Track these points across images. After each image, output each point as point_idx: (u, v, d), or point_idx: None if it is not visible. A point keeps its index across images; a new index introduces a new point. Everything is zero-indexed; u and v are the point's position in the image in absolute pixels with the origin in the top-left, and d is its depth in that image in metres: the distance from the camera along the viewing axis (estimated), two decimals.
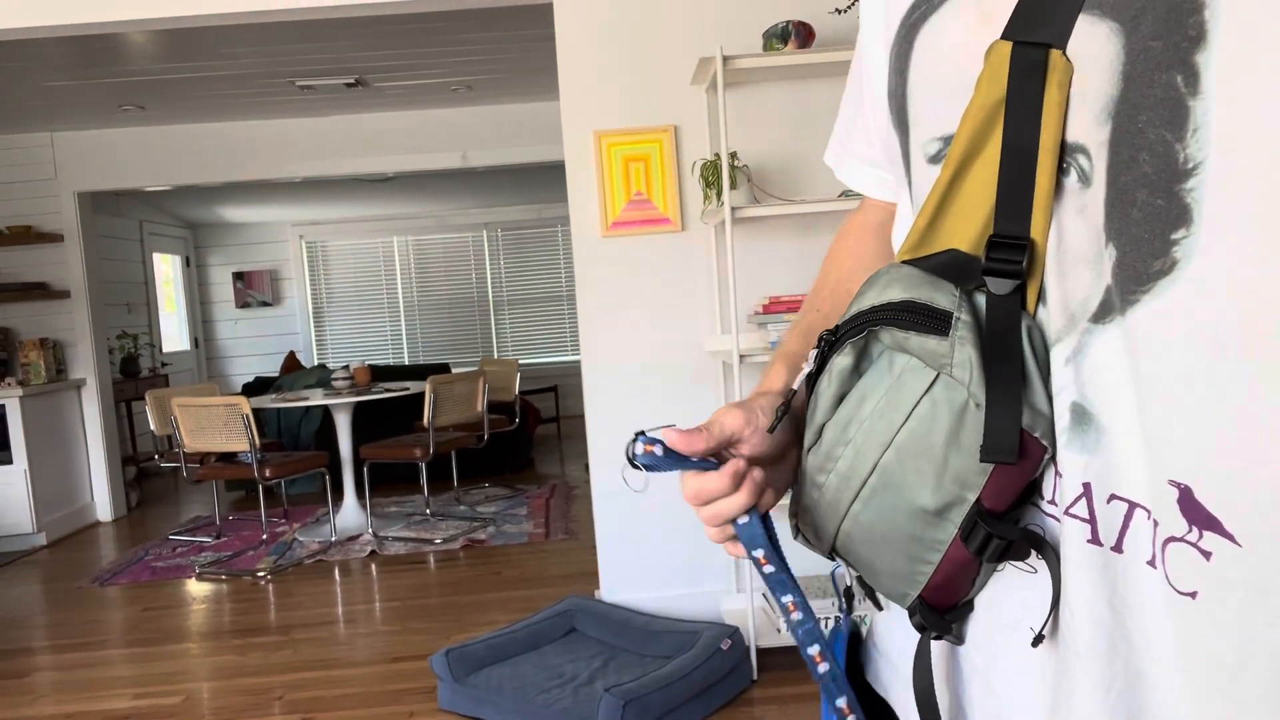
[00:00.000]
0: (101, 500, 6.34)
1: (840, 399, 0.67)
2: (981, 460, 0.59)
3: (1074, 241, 0.59)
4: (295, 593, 4.41)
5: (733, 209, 3.01)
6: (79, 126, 6.00)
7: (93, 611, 4.33)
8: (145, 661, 3.64)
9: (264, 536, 5.51)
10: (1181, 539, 0.55)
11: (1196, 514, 0.54)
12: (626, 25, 3.42)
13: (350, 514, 5.52)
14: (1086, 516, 0.59)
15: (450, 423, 5.43)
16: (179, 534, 5.76)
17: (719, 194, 3.16)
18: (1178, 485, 0.54)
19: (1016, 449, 0.59)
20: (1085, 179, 0.58)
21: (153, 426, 5.43)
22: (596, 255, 3.47)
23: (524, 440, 7.20)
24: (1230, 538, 0.53)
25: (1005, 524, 0.62)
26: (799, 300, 3.09)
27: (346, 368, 5.75)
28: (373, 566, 4.78)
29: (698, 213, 3.46)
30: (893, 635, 0.79)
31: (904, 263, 0.66)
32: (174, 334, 9.13)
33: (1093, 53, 0.57)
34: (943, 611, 0.68)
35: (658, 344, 3.49)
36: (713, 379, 3.49)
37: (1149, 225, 0.55)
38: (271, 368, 9.64)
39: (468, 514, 5.78)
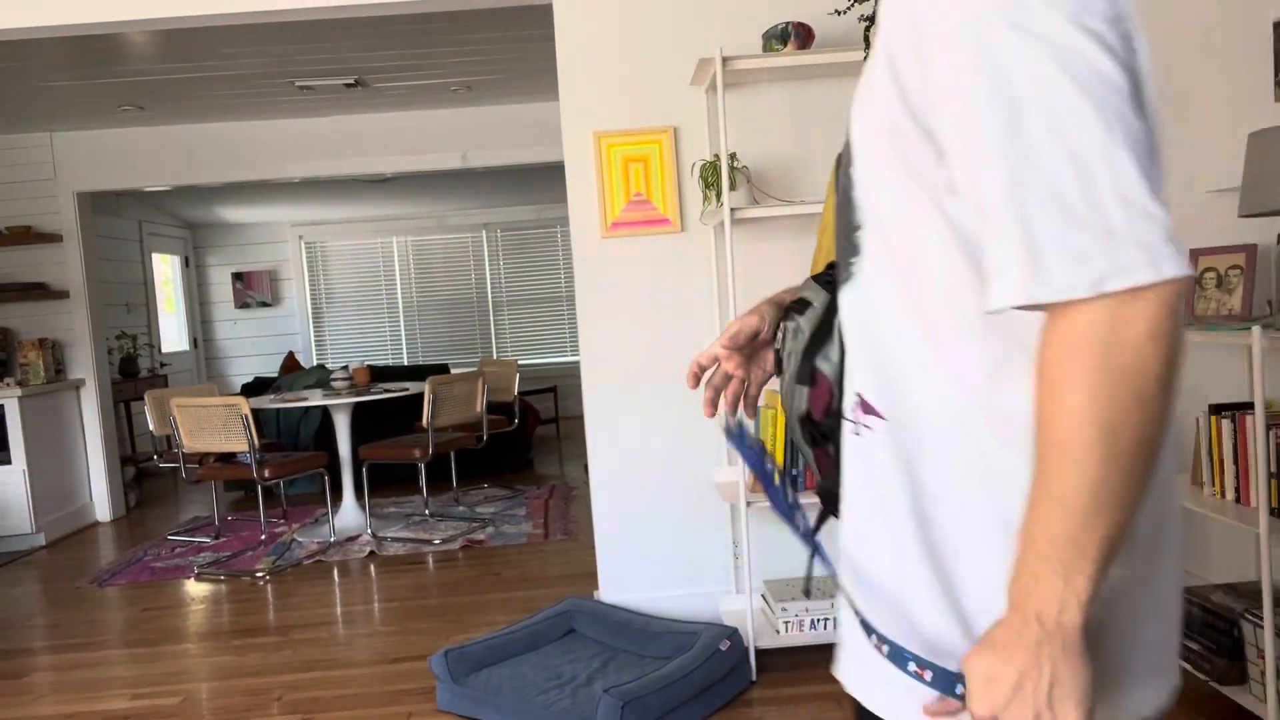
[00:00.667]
0: (100, 500, 6.34)
1: (780, 361, 1.14)
2: (795, 384, 1.09)
3: None
4: (294, 593, 4.41)
5: (732, 210, 3.01)
6: (78, 126, 5.99)
7: (91, 612, 4.33)
8: (144, 662, 3.64)
9: (263, 537, 5.51)
10: (859, 422, 0.98)
11: (867, 408, 0.96)
12: (626, 25, 3.41)
13: (349, 514, 5.52)
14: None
15: (449, 423, 5.43)
16: (178, 534, 5.76)
17: (718, 195, 3.16)
18: (858, 394, 0.98)
19: (809, 378, 1.06)
20: None
21: (152, 427, 5.43)
22: (596, 256, 3.47)
23: (523, 441, 7.20)
24: (880, 415, 0.95)
25: (815, 424, 1.07)
26: None
27: (346, 368, 5.74)
28: (372, 567, 4.78)
29: (697, 213, 3.46)
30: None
31: (810, 277, 1.13)
32: (173, 334, 9.13)
33: (841, 160, 1.01)
34: (833, 495, 1.07)
35: (657, 344, 3.49)
36: None
37: (844, 256, 0.99)
38: (271, 368, 9.64)
39: (467, 514, 5.77)
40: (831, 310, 1.05)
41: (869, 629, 0.95)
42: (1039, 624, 0.79)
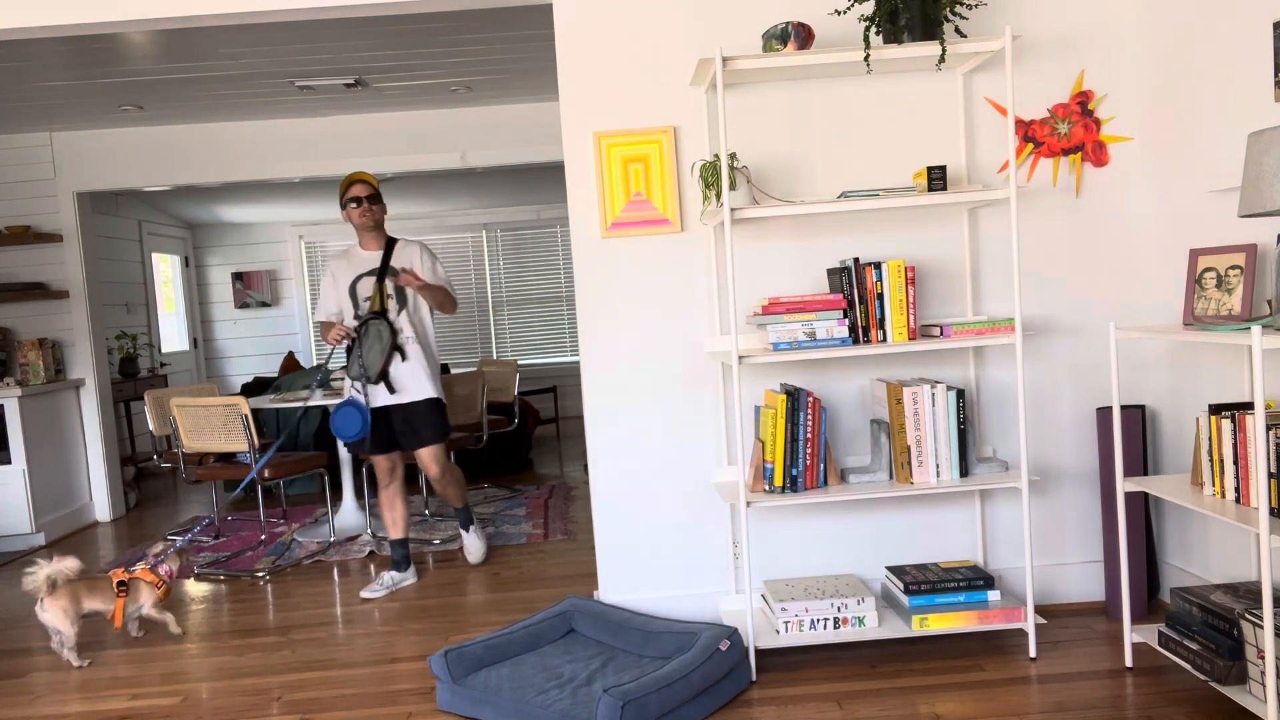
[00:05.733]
0: (100, 500, 6.34)
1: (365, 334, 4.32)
2: (384, 339, 4.29)
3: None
4: (294, 593, 4.41)
5: (732, 210, 3.01)
6: (78, 126, 5.99)
7: None
8: (143, 662, 3.64)
9: (263, 537, 5.51)
10: (411, 339, 4.37)
11: (415, 338, 4.40)
12: (626, 25, 3.41)
13: (349, 514, 5.51)
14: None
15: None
16: (178, 534, 5.76)
17: (718, 195, 3.15)
18: (413, 332, 4.39)
19: (392, 335, 4.28)
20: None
21: (151, 427, 5.43)
22: (596, 256, 3.47)
23: (523, 441, 7.20)
24: (417, 340, 4.37)
25: (398, 346, 4.27)
26: (798, 301, 3.09)
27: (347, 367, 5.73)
28: (371, 567, 4.78)
29: (697, 214, 3.46)
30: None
31: (372, 311, 4.24)
32: (173, 334, 9.13)
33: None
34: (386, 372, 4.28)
35: (657, 345, 3.49)
36: (712, 380, 3.49)
37: (399, 304, 4.32)
38: (270, 368, 9.64)
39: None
40: (382, 324, 4.22)
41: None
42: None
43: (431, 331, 4.36)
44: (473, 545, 4.68)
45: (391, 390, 4.24)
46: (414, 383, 4.25)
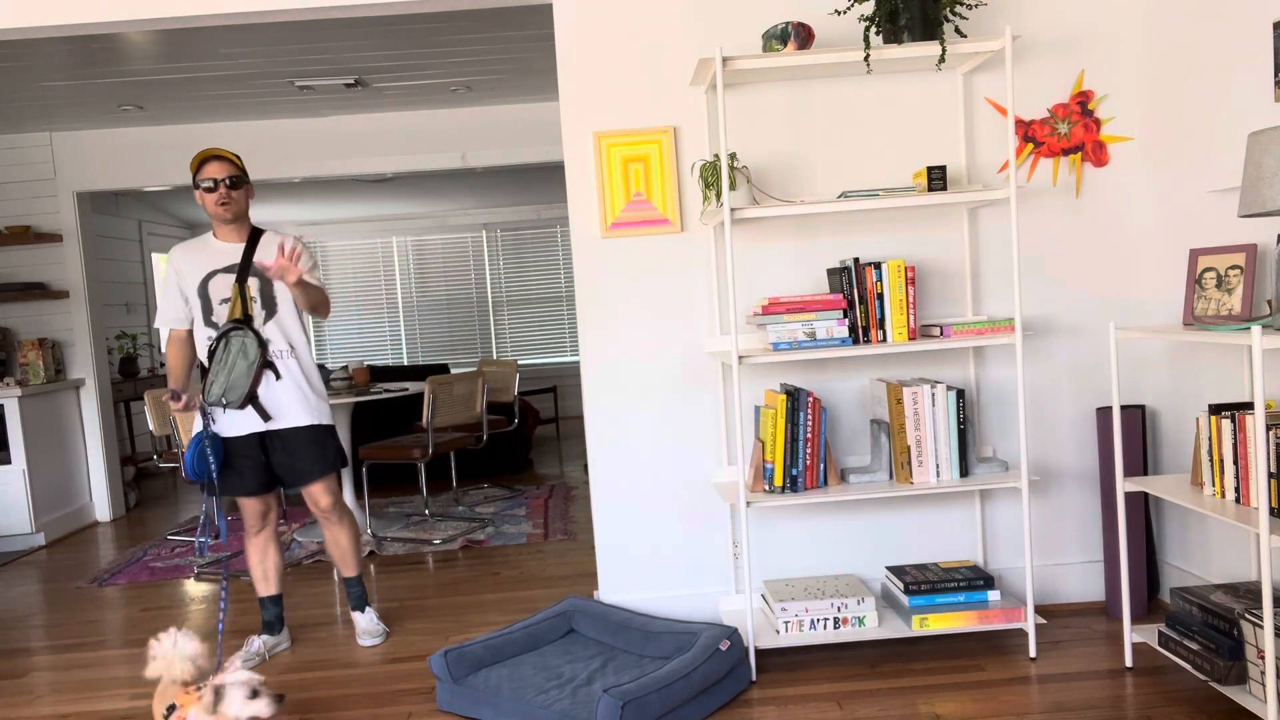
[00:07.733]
0: (100, 500, 6.34)
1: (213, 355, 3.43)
2: (251, 353, 3.42)
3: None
4: (294, 593, 4.40)
5: (732, 210, 3.01)
6: (78, 126, 6.00)
7: (91, 612, 4.32)
8: (143, 662, 3.63)
9: None
10: (284, 354, 3.50)
11: (289, 350, 3.53)
12: (626, 25, 3.41)
13: None
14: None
15: (449, 423, 5.43)
16: (177, 534, 5.76)
17: (718, 195, 3.15)
18: (289, 345, 3.53)
19: (261, 349, 3.43)
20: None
21: (151, 427, 5.42)
22: (596, 256, 3.47)
23: (523, 441, 7.20)
24: (293, 349, 3.60)
25: (268, 362, 3.44)
26: (798, 301, 3.09)
27: (345, 368, 5.74)
28: (371, 567, 4.78)
29: (697, 214, 3.46)
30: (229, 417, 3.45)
31: (232, 320, 3.42)
32: None
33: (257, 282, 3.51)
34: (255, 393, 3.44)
35: (657, 345, 3.49)
36: (712, 380, 3.49)
37: (268, 312, 3.47)
38: None
39: (466, 515, 5.77)
40: (247, 335, 3.38)
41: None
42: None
43: (307, 344, 3.56)
44: (368, 627, 3.71)
45: (265, 417, 3.43)
46: (293, 406, 3.47)
